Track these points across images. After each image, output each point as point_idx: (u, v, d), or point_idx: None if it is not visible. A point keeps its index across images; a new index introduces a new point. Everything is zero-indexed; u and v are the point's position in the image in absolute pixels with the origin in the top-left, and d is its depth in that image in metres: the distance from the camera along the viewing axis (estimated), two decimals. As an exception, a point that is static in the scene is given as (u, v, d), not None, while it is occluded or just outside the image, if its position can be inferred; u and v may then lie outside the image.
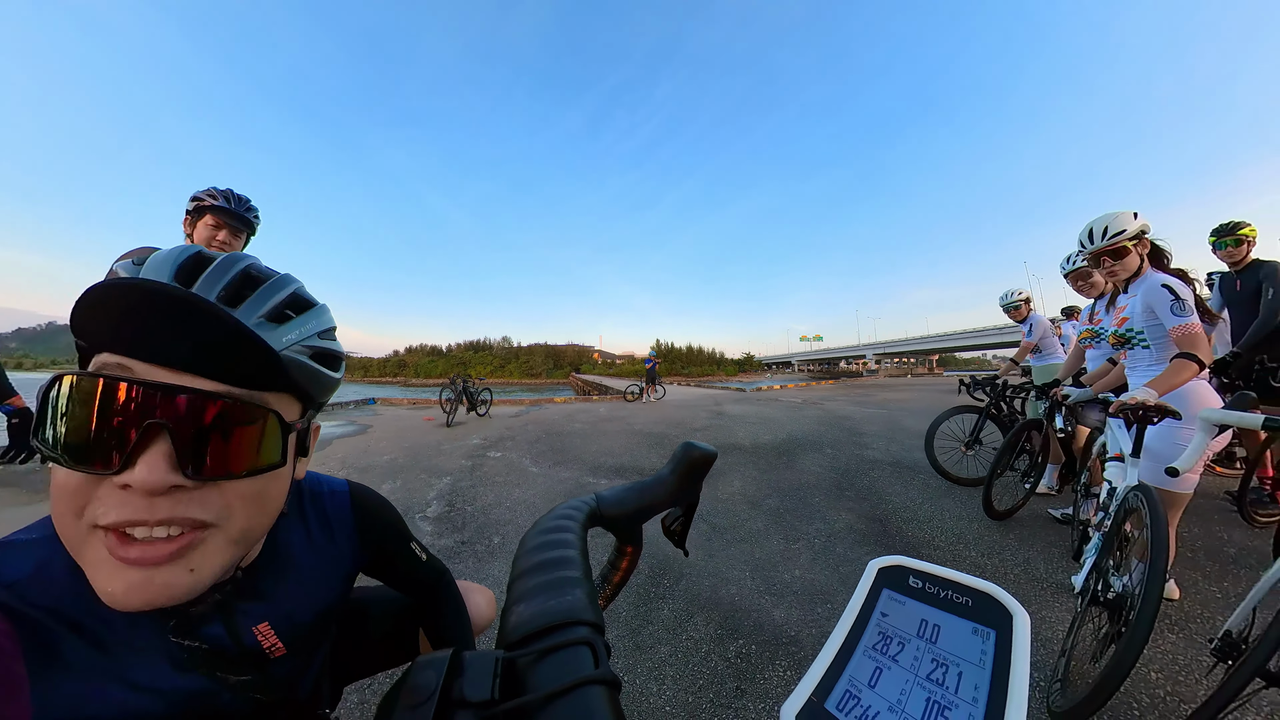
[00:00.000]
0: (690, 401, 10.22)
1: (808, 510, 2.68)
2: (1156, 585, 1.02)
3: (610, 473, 3.46)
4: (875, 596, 0.24)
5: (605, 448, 4.44)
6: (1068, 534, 2.17)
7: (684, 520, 0.38)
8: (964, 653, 0.20)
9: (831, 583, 1.83)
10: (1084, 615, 1.31)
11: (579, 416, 7.10)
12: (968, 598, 0.22)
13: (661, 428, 5.80)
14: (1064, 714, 1.08)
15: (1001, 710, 0.17)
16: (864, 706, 0.19)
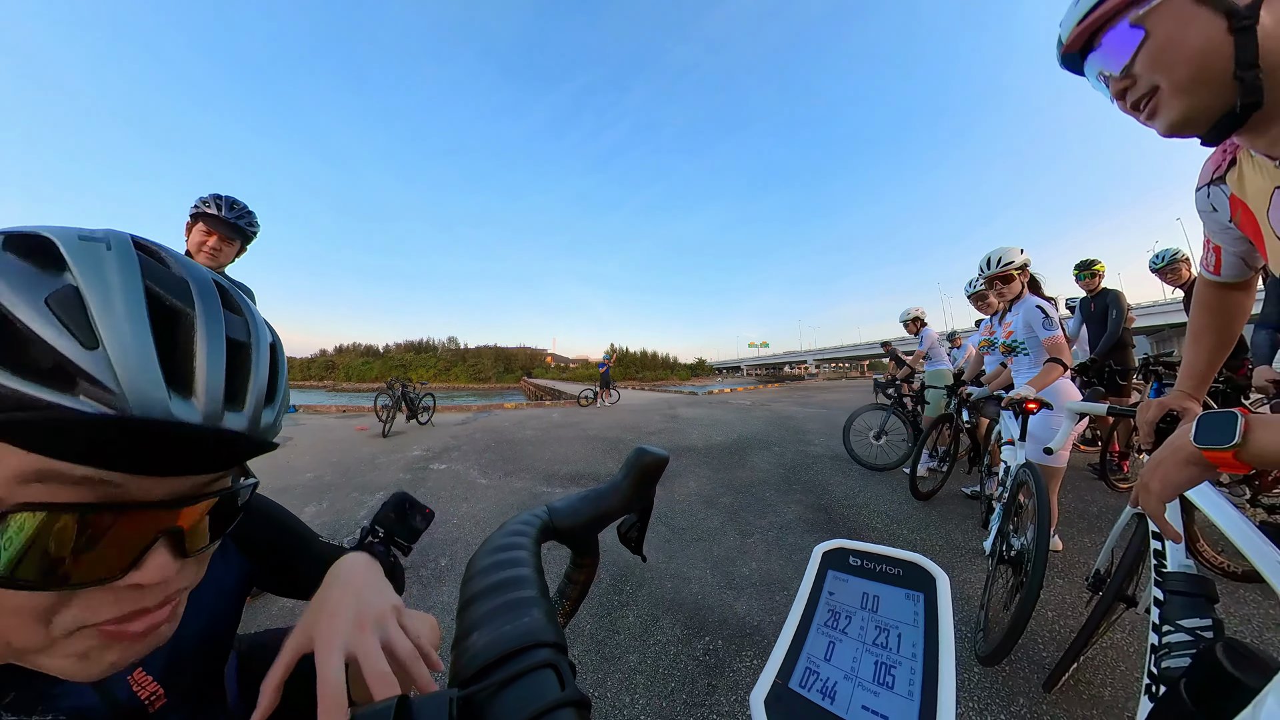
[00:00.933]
0: (644, 405, 10.28)
1: (760, 505, 2.80)
2: (1044, 541, 1.24)
3: (565, 481, 3.34)
4: (822, 578, 0.26)
5: (559, 455, 4.29)
6: (978, 508, 2.52)
7: (640, 526, 0.37)
8: (900, 616, 0.22)
9: (786, 571, 1.95)
10: (994, 573, 1.54)
11: (531, 423, 6.83)
12: (899, 568, 0.25)
13: (616, 432, 5.76)
14: (987, 657, 1.27)
15: (935, 661, 0.20)
16: (824, 679, 0.20)
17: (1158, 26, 0.48)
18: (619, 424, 6.67)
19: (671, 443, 4.98)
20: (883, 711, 0.19)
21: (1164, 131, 0.54)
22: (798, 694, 0.20)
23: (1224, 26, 0.45)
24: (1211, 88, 0.48)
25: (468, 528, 2.47)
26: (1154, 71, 0.50)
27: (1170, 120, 0.52)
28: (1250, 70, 0.45)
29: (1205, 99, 0.48)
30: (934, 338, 3.73)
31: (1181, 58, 0.47)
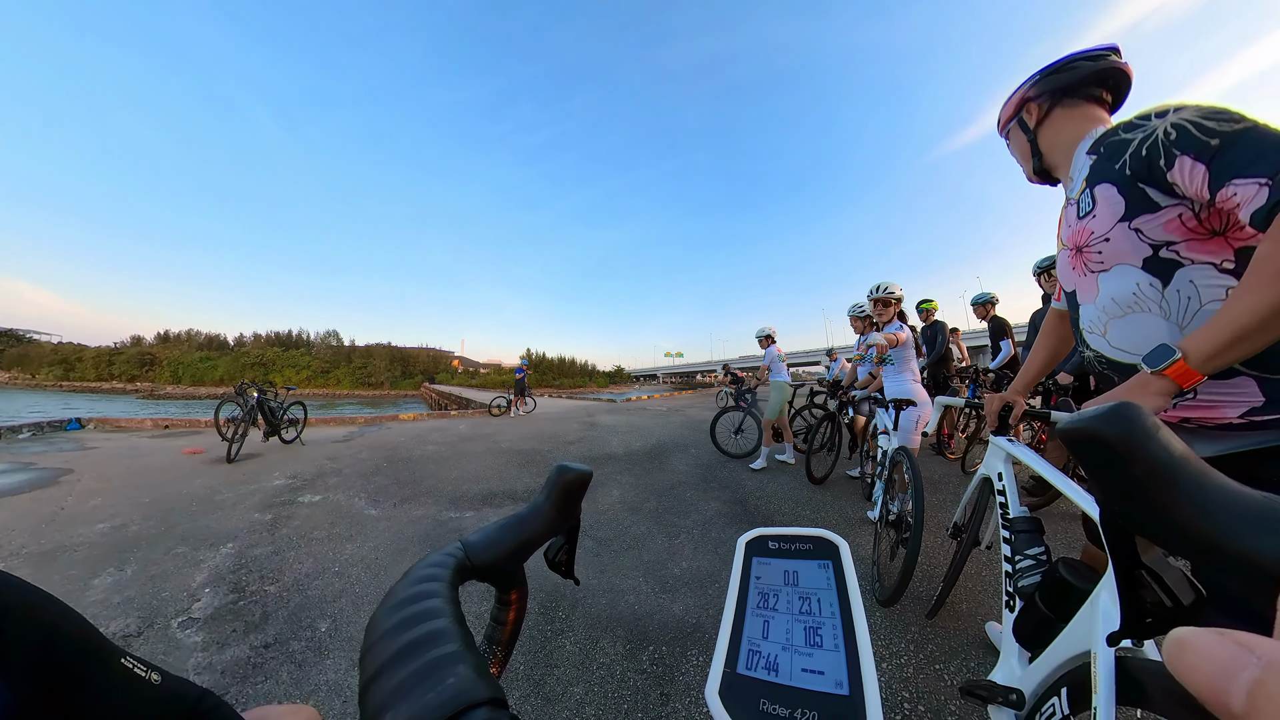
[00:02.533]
0: (562, 414, 9.95)
1: (683, 506, 2.87)
2: (919, 502, 1.54)
3: (477, 502, 2.97)
4: (748, 565, 0.27)
5: (468, 472, 3.84)
6: (860, 486, 3.11)
7: (568, 548, 0.36)
8: (817, 584, 0.25)
9: (714, 565, 2.03)
10: (882, 534, 1.88)
11: (433, 436, 6.05)
12: (809, 544, 0.28)
13: (533, 443, 5.41)
14: (886, 600, 1.57)
15: (850, 614, 0.23)
16: (766, 656, 0.22)
17: (1011, 137, 1.03)
18: (536, 434, 6.30)
19: (592, 451, 4.85)
20: (818, 668, 0.21)
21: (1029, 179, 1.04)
22: (746, 676, 0.21)
23: (1027, 138, 0.97)
24: (1029, 161, 0.99)
25: (356, 575, 1.97)
26: (1014, 153, 1.05)
27: (1029, 175, 1.03)
28: (1038, 155, 0.96)
29: (1029, 166, 1.01)
30: (775, 354, 4.21)
31: (1018, 148, 1.02)
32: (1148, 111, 0.73)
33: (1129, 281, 0.76)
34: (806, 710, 0.19)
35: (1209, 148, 0.62)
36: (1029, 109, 0.93)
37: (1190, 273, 0.70)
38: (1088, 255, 0.81)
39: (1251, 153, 0.59)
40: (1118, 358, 0.80)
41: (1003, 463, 1.13)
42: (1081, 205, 0.81)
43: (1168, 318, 0.72)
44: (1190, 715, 0.47)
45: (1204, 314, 0.69)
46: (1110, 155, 0.76)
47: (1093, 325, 0.85)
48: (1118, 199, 0.74)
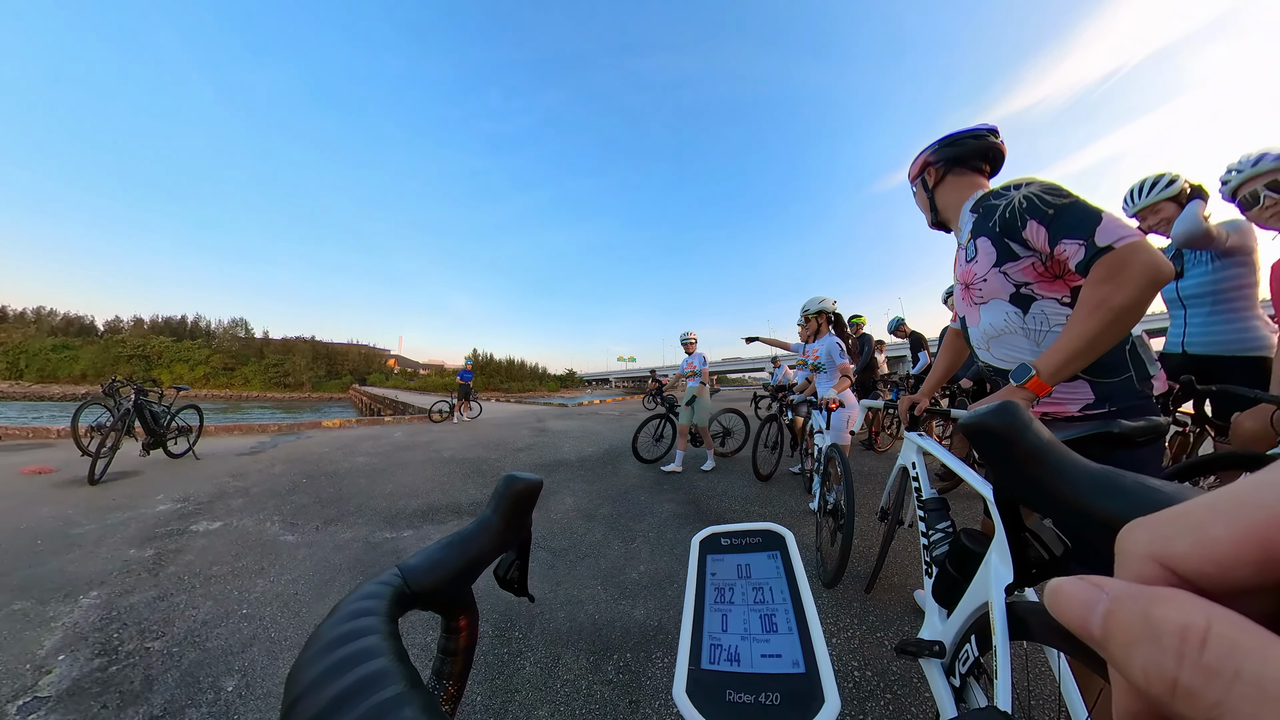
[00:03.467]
0: (510, 419, 9.53)
1: (637, 509, 2.86)
2: (850, 492, 1.70)
3: (417, 519, 2.72)
4: (704, 563, 0.28)
5: (406, 485, 3.51)
6: (801, 481, 3.36)
7: (520, 563, 0.34)
8: (768, 574, 0.26)
9: (672, 565, 2.05)
10: (822, 523, 2.06)
11: (363, 445, 5.47)
12: (759, 537, 0.28)
13: (479, 451, 5.10)
14: (829, 582, 1.71)
15: (800, 599, 0.24)
16: (727, 648, 0.22)
17: (916, 189, 1.22)
18: (482, 441, 5.95)
19: (543, 458, 4.68)
20: (775, 652, 0.22)
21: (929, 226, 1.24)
22: (711, 670, 0.21)
23: (927, 195, 1.18)
24: (929, 213, 1.20)
25: (271, 616, 1.65)
26: (917, 203, 1.26)
27: (930, 225, 1.24)
28: (935, 210, 1.18)
29: (929, 217, 1.22)
30: (702, 359, 4.26)
31: (920, 201, 1.22)
32: (1008, 184, 0.94)
33: (1000, 312, 0.98)
34: (769, 693, 0.20)
35: (1048, 215, 0.83)
36: (929, 171, 1.14)
37: (1042, 305, 0.92)
38: (972, 291, 1.03)
39: (1074, 220, 0.80)
40: (1000, 366, 1.03)
41: (915, 454, 1.31)
42: (968, 252, 1.02)
43: (1029, 337, 0.95)
44: (1064, 642, 0.56)
45: (1052, 334, 0.92)
46: (985, 215, 0.96)
47: (979, 343, 1.08)
48: (991, 249, 0.95)
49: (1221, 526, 0.09)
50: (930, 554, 1.08)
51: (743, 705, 0.19)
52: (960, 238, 1.09)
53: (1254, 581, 0.09)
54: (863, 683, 1.27)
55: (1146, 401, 0.86)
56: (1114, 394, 0.86)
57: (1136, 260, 0.73)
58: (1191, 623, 0.08)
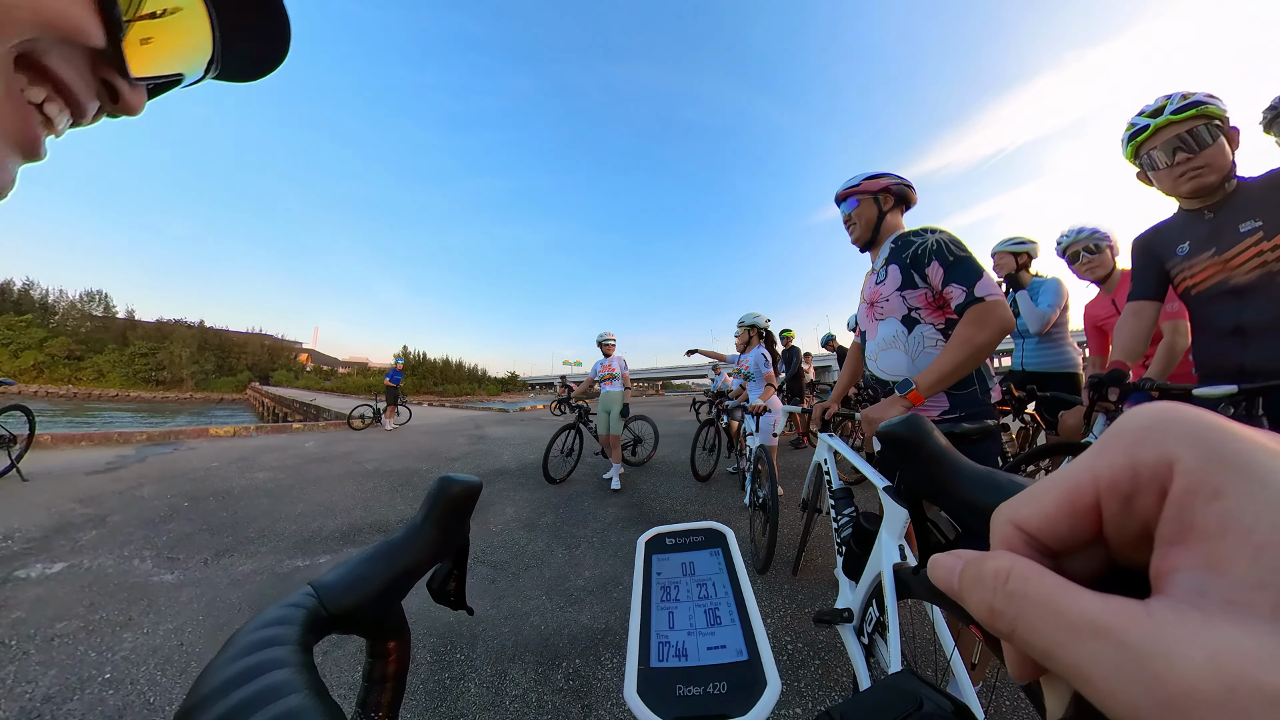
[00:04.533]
0: (445, 425, 8.89)
1: (580, 516, 2.84)
2: (773, 488, 1.93)
3: (335, 542, 2.42)
4: (649, 563, 0.28)
5: (321, 504, 3.12)
6: (736, 479, 3.62)
7: (457, 574, 0.32)
8: (711, 570, 0.27)
9: (617, 568, 2.07)
10: (754, 516, 2.24)
11: (265, 459, 4.76)
12: (701, 535, 0.29)
13: (408, 462, 4.69)
14: (762, 569, 1.89)
15: (740, 590, 0.25)
16: (675, 644, 0.22)
17: (862, 203, 1.28)
18: (412, 450, 5.49)
19: (481, 467, 4.45)
20: (720, 643, 0.22)
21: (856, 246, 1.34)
22: (660, 668, 0.21)
23: (875, 210, 1.27)
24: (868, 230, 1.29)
25: (147, 678, 1.33)
26: (854, 219, 1.30)
27: (854, 239, 1.33)
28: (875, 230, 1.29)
29: (866, 234, 1.29)
30: (621, 362, 3.85)
31: (864, 217, 1.28)
32: (924, 228, 1.17)
33: (892, 328, 1.20)
34: (716, 683, 0.21)
35: (948, 261, 1.08)
36: (885, 197, 1.27)
37: (923, 328, 1.16)
38: (876, 308, 1.24)
39: (964, 271, 1.06)
40: (883, 378, 1.25)
41: (826, 451, 1.49)
42: (879, 275, 1.24)
43: (907, 353, 1.17)
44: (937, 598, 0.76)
45: (925, 353, 1.15)
46: (902, 248, 1.18)
47: (871, 355, 1.29)
48: (899, 275, 1.17)
49: (1048, 495, 0.12)
50: (839, 536, 1.25)
51: (693, 698, 0.20)
52: (876, 262, 1.29)
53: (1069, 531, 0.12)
54: (795, 654, 1.43)
55: (988, 409, 1.10)
56: (964, 403, 1.11)
57: (996, 314, 1.00)
58: (1002, 567, 0.11)
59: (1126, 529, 0.11)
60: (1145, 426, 0.11)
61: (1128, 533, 0.11)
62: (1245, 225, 1.06)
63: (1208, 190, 1.09)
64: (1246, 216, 1.06)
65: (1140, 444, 0.10)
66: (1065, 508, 0.12)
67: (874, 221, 1.28)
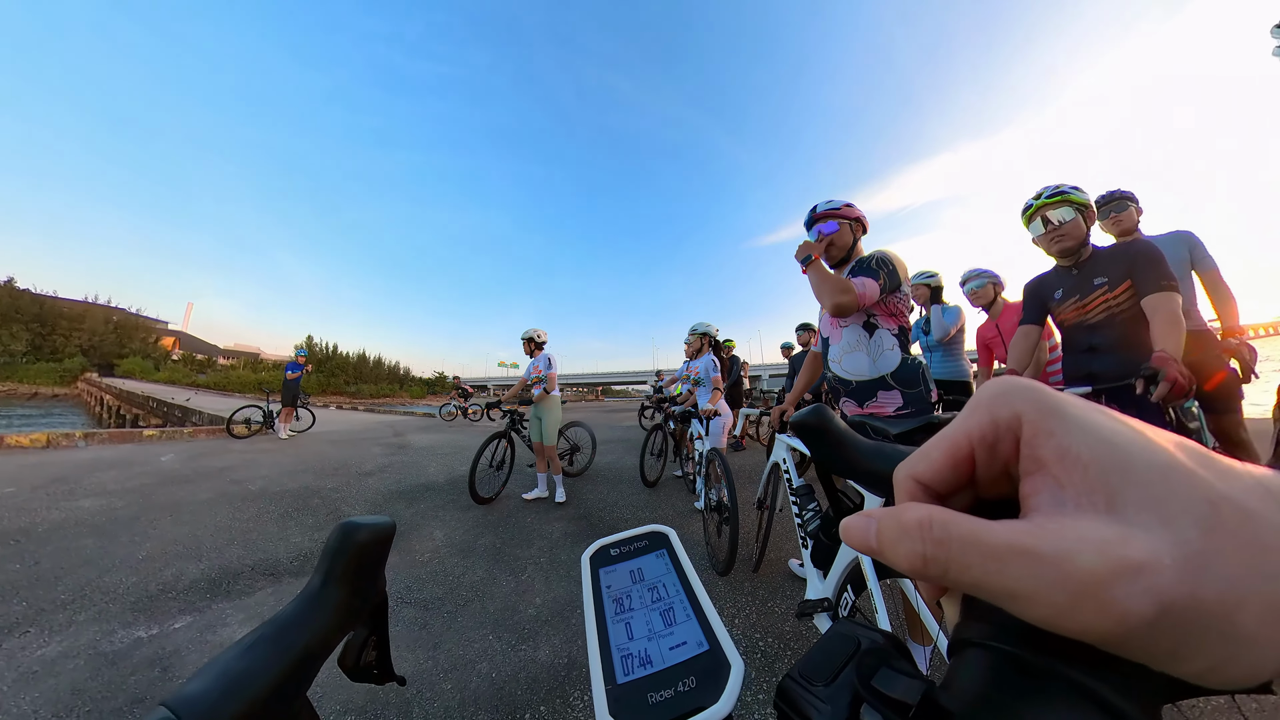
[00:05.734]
0: (358, 432, 7.79)
1: (523, 534, 2.59)
2: (732, 489, 1.88)
3: (199, 596, 1.85)
4: (597, 578, 0.27)
5: (180, 542, 2.41)
6: (684, 483, 3.59)
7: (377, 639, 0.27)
8: (659, 572, 0.27)
9: (571, 590, 1.90)
10: (708, 519, 2.23)
11: (95, 479, 3.65)
12: (645, 540, 0.29)
13: (308, 479, 3.94)
14: (722, 570, 1.86)
15: (690, 585, 0.25)
16: (638, 655, 0.22)
17: (841, 228, 1.44)
18: (312, 464, 4.65)
19: (403, 482, 3.90)
20: (680, 640, 0.22)
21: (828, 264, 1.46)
22: (628, 682, 0.21)
23: (851, 235, 1.46)
24: (843, 250, 1.45)
25: None
26: (835, 240, 1.44)
27: (830, 260, 1.46)
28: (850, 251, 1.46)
29: (836, 254, 1.45)
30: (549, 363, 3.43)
31: (842, 239, 1.44)
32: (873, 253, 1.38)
33: (855, 334, 1.38)
34: (685, 680, 0.20)
35: (873, 265, 1.31)
36: (857, 227, 1.48)
37: (880, 333, 1.35)
38: (844, 319, 1.39)
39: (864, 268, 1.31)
40: (844, 377, 1.41)
41: (785, 451, 1.54)
42: None
43: (868, 354, 1.35)
44: None
45: (884, 355, 1.34)
46: (861, 267, 1.36)
47: (836, 357, 1.44)
48: None
49: (935, 450, 0.14)
50: (805, 530, 1.29)
51: (666, 701, 0.20)
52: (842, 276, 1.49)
53: (953, 477, 0.14)
54: (768, 650, 1.44)
55: (930, 406, 1.33)
56: (914, 401, 1.31)
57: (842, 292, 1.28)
58: (923, 516, 0.12)
59: (992, 469, 0.14)
60: (999, 393, 0.13)
61: (993, 472, 0.14)
62: (1097, 280, 1.48)
63: (1069, 253, 1.50)
64: (1098, 274, 1.47)
65: (997, 406, 0.13)
66: (949, 459, 0.14)
67: (849, 245, 1.46)
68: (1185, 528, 0.10)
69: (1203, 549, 0.09)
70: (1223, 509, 0.10)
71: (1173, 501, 0.10)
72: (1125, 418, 0.12)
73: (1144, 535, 0.10)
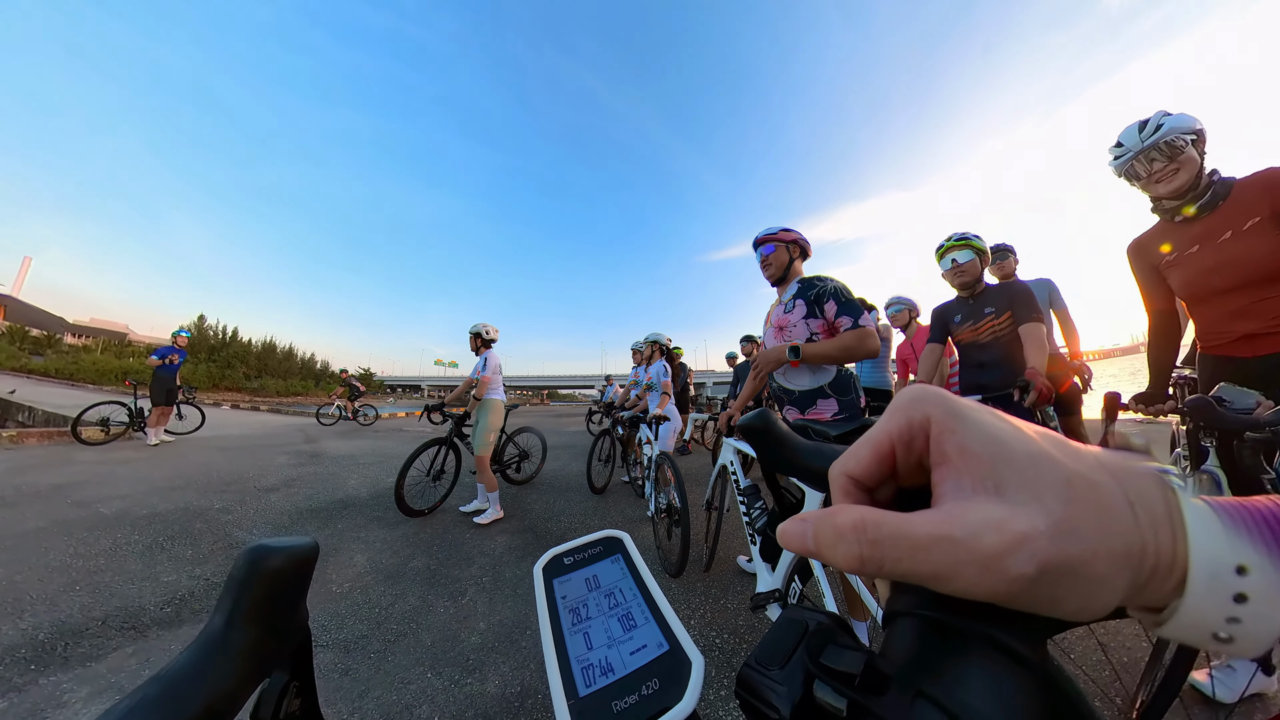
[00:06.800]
0: (258, 437, 6.70)
1: (462, 552, 2.39)
2: (683, 492, 1.92)
3: (12, 670, 1.41)
4: (551, 590, 0.26)
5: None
6: (632, 488, 3.64)
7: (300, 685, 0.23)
8: (614, 578, 0.27)
9: (520, 608, 1.78)
10: (658, 522, 2.27)
11: None
12: (598, 546, 0.29)
13: (186, 497, 3.27)
14: (675, 573, 1.92)
15: (646, 588, 0.25)
16: (598, 665, 0.22)
17: (777, 249, 1.59)
18: (194, 477, 3.88)
19: (316, 499, 3.41)
20: (640, 644, 0.23)
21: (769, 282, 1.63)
22: (591, 694, 0.21)
23: (787, 256, 1.59)
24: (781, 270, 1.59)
25: None
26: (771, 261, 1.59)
27: (769, 278, 1.62)
28: (787, 269, 1.59)
29: (776, 273, 1.59)
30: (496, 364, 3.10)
31: (779, 260, 1.58)
32: (821, 275, 1.49)
33: None
34: (648, 683, 0.21)
35: (841, 301, 1.42)
36: (794, 248, 1.61)
37: None
38: (784, 332, 1.52)
39: (853, 309, 1.40)
40: (788, 387, 1.53)
41: (732, 454, 1.61)
42: (787, 306, 1.52)
43: (808, 368, 1.48)
44: None
45: (823, 370, 1.46)
46: (806, 288, 1.49)
47: (780, 370, 1.55)
48: (804, 308, 1.47)
49: (863, 449, 0.16)
50: (753, 527, 1.34)
51: (631, 707, 0.20)
52: (784, 296, 1.58)
53: (878, 471, 0.16)
54: (724, 646, 1.49)
55: (860, 411, 1.47)
56: (848, 407, 1.45)
57: (869, 337, 1.37)
58: (856, 519, 0.13)
59: (909, 463, 0.16)
60: (913, 400, 0.15)
61: (910, 466, 0.16)
62: (987, 309, 1.84)
63: (967, 286, 1.89)
64: (987, 305, 1.84)
65: (911, 410, 0.15)
66: (875, 455, 0.16)
67: (785, 265, 1.60)
68: (1051, 501, 0.12)
69: (1065, 516, 0.12)
70: (1076, 483, 0.13)
71: (1041, 481, 0.13)
72: (1008, 417, 0.15)
73: (1023, 511, 0.12)
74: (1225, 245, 1.14)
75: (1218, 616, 0.12)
